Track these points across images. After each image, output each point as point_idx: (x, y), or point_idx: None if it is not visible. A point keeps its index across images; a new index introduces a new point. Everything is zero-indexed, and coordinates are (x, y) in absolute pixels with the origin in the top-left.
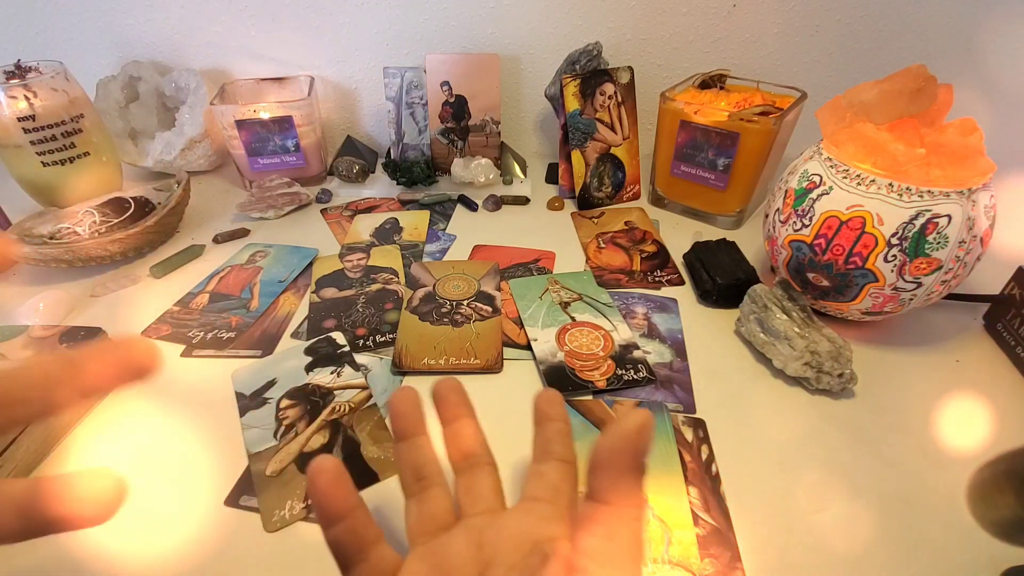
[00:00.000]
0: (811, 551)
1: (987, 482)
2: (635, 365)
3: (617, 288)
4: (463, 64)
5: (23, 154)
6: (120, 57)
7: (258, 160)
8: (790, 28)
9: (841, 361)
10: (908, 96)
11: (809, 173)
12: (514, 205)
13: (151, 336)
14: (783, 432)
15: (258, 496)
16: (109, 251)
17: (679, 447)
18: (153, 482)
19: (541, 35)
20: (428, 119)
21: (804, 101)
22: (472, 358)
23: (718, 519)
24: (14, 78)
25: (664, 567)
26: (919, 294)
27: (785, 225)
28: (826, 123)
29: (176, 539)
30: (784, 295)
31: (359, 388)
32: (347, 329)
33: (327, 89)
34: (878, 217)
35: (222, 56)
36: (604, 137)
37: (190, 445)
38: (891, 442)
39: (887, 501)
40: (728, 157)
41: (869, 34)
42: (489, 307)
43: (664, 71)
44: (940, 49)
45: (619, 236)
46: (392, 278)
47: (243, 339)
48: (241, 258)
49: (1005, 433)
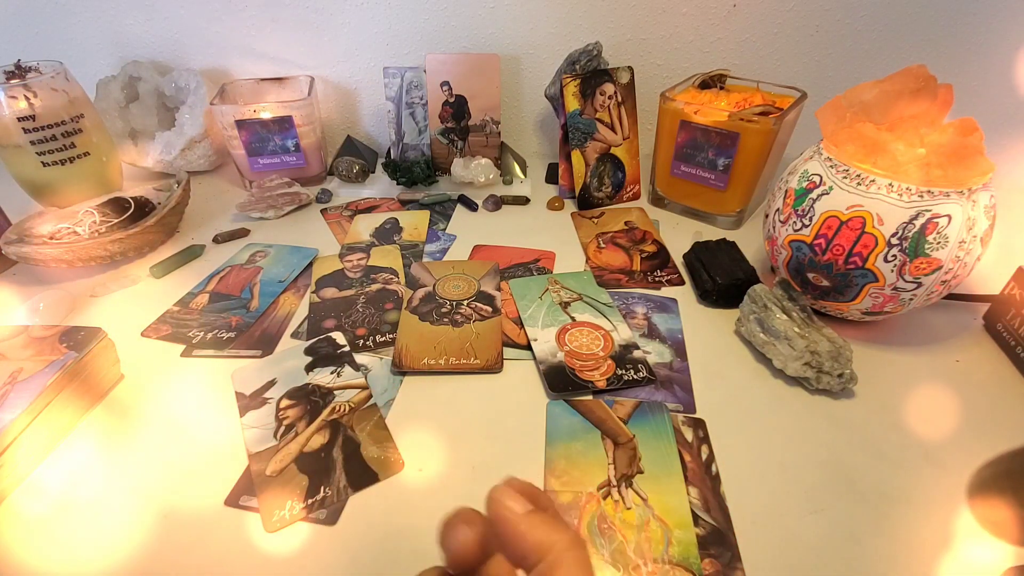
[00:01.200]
0: (811, 551)
1: (987, 482)
2: (635, 365)
3: (617, 288)
4: (463, 64)
5: (23, 154)
6: (120, 57)
7: (258, 160)
8: (790, 28)
9: (841, 361)
10: (908, 96)
11: (809, 173)
12: (514, 205)
13: (151, 336)
14: (783, 432)
15: (258, 496)
16: (109, 251)
17: (679, 447)
18: (153, 482)
19: (541, 35)
20: (428, 119)
21: (804, 101)
22: (472, 358)
23: (718, 519)
24: (14, 78)
25: (664, 567)
26: (919, 294)
27: (785, 225)
28: (826, 123)
29: (176, 539)
30: (784, 295)
31: (359, 388)
32: (347, 329)
33: (327, 89)
34: (878, 217)
35: (222, 56)
36: (604, 137)
37: (190, 445)
38: (891, 442)
39: (887, 501)
40: (728, 157)
41: (869, 34)
42: (489, 307)
43: (664, 71)
44: (940, 49)
45: (619, 236)
46: (392, 278)
47: (243, 339)
48: (241, 258)
49: (1005, 433)
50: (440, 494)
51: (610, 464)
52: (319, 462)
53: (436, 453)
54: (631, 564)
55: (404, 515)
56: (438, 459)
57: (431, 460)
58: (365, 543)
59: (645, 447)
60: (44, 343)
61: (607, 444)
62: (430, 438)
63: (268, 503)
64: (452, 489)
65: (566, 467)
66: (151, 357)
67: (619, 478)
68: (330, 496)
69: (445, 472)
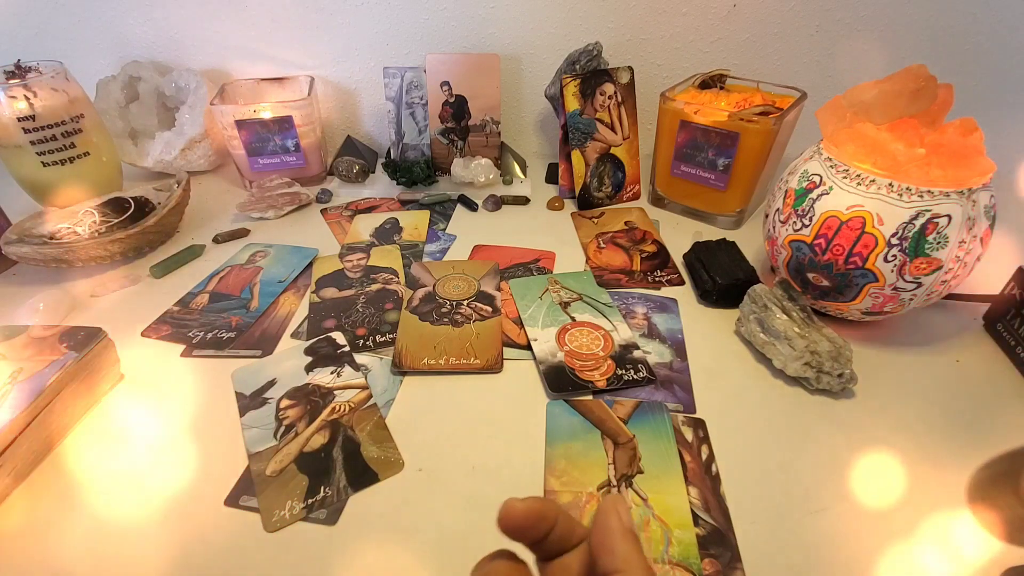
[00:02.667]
0: (811, 551)
1: (987, 482)
2: (635, 365)
3: (617, 288)
4: (463, 64)
5: (23, 154)
6: (120, 57)
7: (258, 160)
8: (790, 28)
9: (841, 361)
10: (908, 96)
11: (809, 173)
12: (514, 205)
13: (151, 336)
14: (783, 432)
15: (258, 496)
16: (109, 251)
17: (679, 447)
18: (153, 482)
19: (541, 35)
20: (428, 119)
21: (804, 101)
22: (472, 358)
23: (718, 519)
24: (14, 78)
25: (664, 567)
26: (919, 294)
27: (785, 225)
28: (826, 123)
29: (176, 539)
30: (784, 295)
31: (359, 388)
32: (347, 329)
33: (327, 89)
34: (878, 217)
35: (222, 56)
36: (604, 137)
37: (190, 445)
38: (891, 442)
39: (887, 501)
40: (728, 157)
41: (869, 34)
42: (489, 307)
43: (664, 71)
44: (940, 49)
45: (619, 236)
46: (392, 278)
47: (243, 339)
48: (241, 258)
49: (1005, 433)
50: (440, 494)
51: (610, 464)
52: (319, 462)
53: (436, 453)
54: None
55: (404, 515)
56: (438, 459)
57: (431, 460)
58: (365, 543)
59: (645, 447)
60: (44, 343)
61: (607, 444)
62: (430, 438)
63: (268, 503)
64: (452, 489)
65: (566, 467)
66: (151, 357)
67: (619, 478)
68: (330, 496)
69: (445, 472)
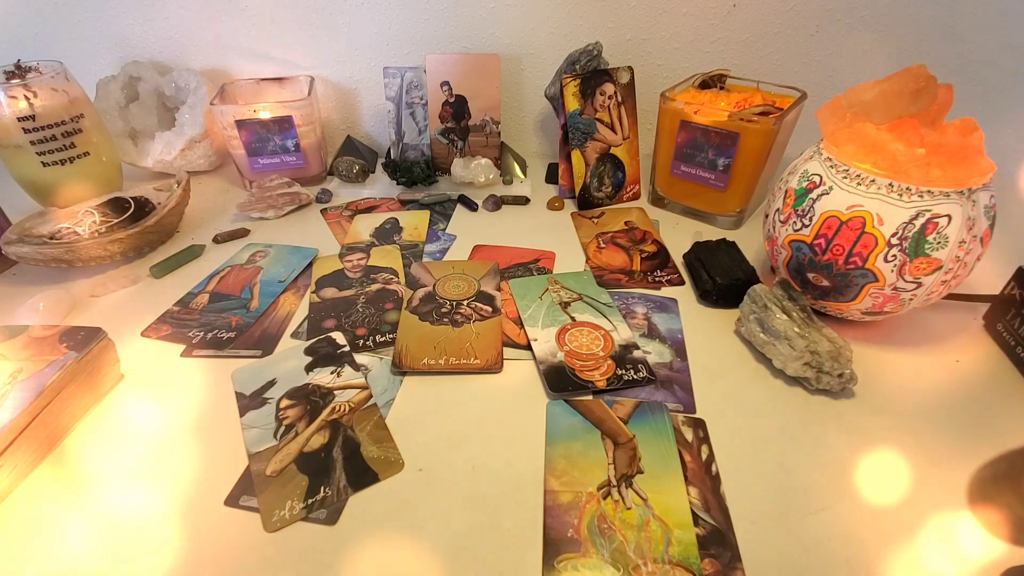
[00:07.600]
0: (811, 551)
1: (987, 482)
2: (635, 365)
3: (617, 288)
4: (463, 64)
5: (23, 154)
6: (120, 57)
7: (258, 160)
8: (790, 28)
9: (841, 361)
10: (908, 96)
11: (809, 173)
12: (514, 205)
13: (151, 336)
14: (783, 432)
15: (258, 496)
16: (109, 251)
17: (679, 447)
18: (153, 482)
19: (541, 35)
20: (428, 119)
21: (804, 101)
22: (472, 358)
23: (718, 519)
24: (14, 78)
25: (664, 567)
26: (919, 294)
27: (785, 225)
28: (826, 123)
29: (176, 539)
30: (784, 295)
31: (359, 388)
32: (347, 329)
33: (327, 89)
34: (878, 217)
35: (222, 56)
36: (604, 137)
37: (190, 445)
38: (891, 442)
39: (887, 501)
40: (728, 157)
41: (869, 34)
42: (489, 307)
43: (664, 71)
44: (940, 49)
45: (619, 236)
46: (392, 278)
47: (243, 339)
48: (241, 258)
49: (1005, 433)
50: (440, 494)
51: (610, 464)
52: (319, 462)
53: (436, 453)
54: (631, 564)
55: (404, 515)
56: (438, 459)
57: (431, 460)
58: (365, 543)
59: (645, 447)
60: (44, 343)
61: (607, 444)
62: (430, 438)
63: (268, 503)
64: (452, 489)
65: (566, 467)
66: (151, 357)
67: (619, 478)
68: (330, 496)
69: (445, 472)
